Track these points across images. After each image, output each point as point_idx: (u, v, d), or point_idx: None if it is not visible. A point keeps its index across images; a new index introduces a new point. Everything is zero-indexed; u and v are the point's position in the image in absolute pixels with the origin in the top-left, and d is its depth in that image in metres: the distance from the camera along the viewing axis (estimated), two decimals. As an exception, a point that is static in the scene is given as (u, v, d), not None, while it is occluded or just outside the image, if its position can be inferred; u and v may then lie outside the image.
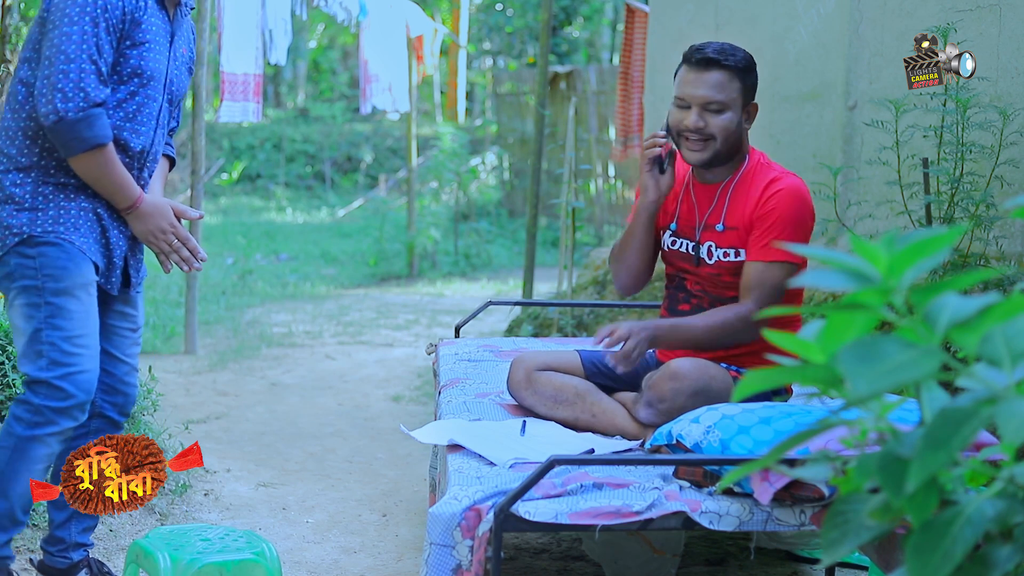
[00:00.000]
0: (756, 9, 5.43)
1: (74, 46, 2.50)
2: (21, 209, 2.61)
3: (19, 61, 2.67)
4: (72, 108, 2.50)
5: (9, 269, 2.63)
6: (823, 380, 1.00)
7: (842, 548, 1.03)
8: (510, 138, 14.11)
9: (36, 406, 2.59)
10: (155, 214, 2.73)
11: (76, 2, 2.51)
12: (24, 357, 2.62)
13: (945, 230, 0.97)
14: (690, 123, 2.86)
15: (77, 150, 2.55)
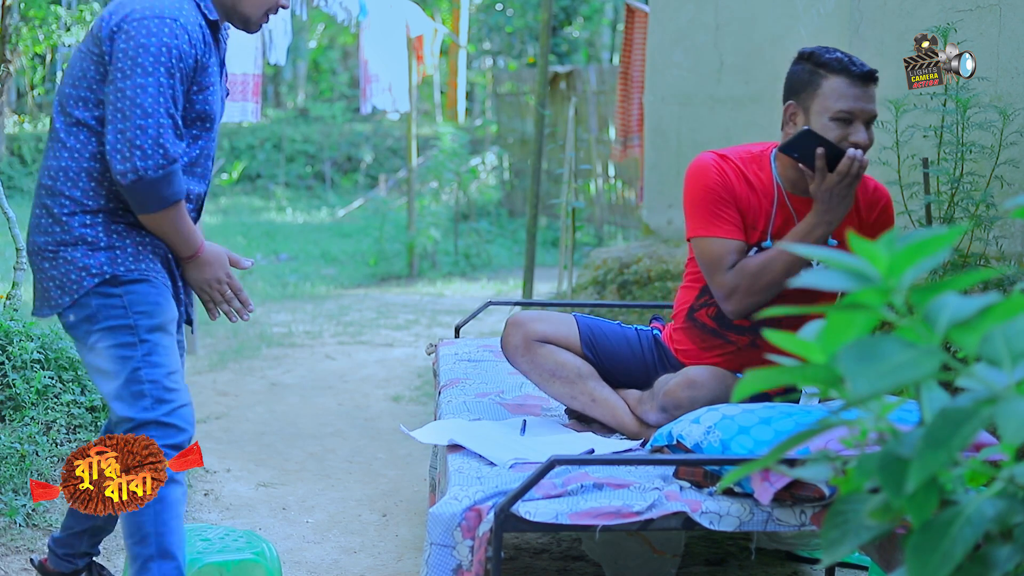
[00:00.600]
0: (756, 9, 5.43)
1: (151, 99, 2.39)
2: (96, 249, 2.48)
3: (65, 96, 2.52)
4: (152, 166, 2.40)
5: (89, 311, 2.48)
6: (823, 380, 1.00)
7: (842, 548, 1.03)
8: (510, 138, 14.11)
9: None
10: (214, 263, 2.64)
11: (149, 51, 2.39)
12: (119, 400, 2.46)
13: (945, 230, 0.97)
14: (863, 139, 2.70)
15: (153, 209, 2.46)
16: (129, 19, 2.42)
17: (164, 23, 2.41)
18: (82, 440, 3.73)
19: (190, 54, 2.44)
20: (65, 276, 2.48)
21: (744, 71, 5.48)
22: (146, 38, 2.40)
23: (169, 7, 2.44)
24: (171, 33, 2.41)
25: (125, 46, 2.40)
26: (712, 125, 5.66)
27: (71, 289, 2.48)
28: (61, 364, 3.92)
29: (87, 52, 2.50)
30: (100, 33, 2.46)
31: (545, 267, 9.52)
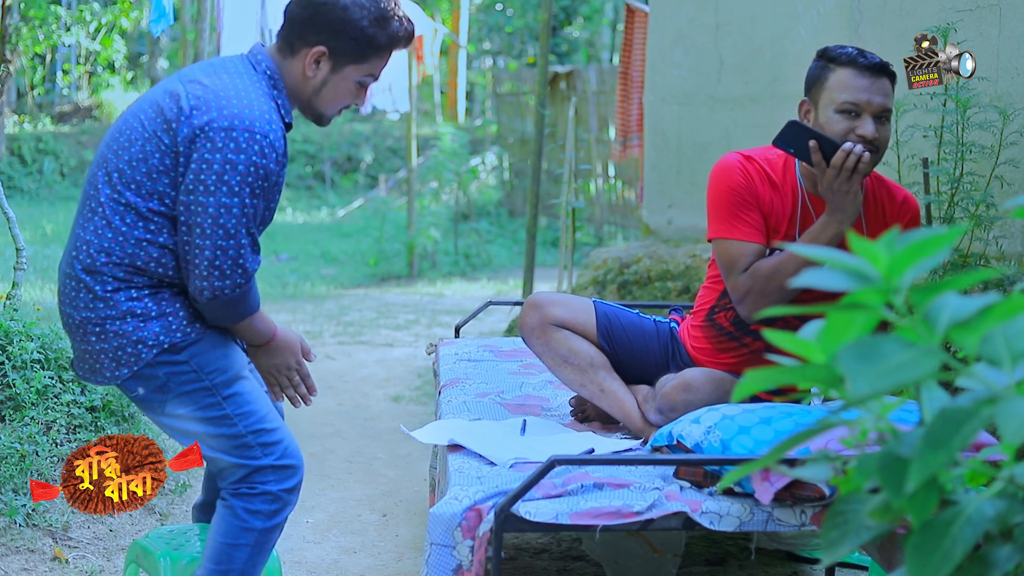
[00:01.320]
0: (756, 9, 5.43)
1: (234, 220, 2.28)
2: (147, 319, 2.37)
3: (117, 170, 2.37)
4: (229, 286, 2.32)
5: (159, 382, 2.39)
6: (823, 380, 1.00)
7: (842, 548, 1.03)
8: (510, 138, 14.11)
9: (275, 493, 2.42)
10: (285, 351, 2.56)
11: (237, 169, 2.27)
12: (227, 454, 2.41)
13: (945, 230, 0.97)
14: (869, 132, 2.64)
15: (229, 323, 2.42)
16: (215, 127, 2.28)
17: (255, 140, 2.28)
18: (82, 440, 3.73)
19: (275, 172, 2.34)
20: (119, 349, 2.37)
21: (744, 71, 5.48)
22: (235, 154, 2.27)
23: (259, 119, 2.30)
24: (260, 152, 2.29)
25: (211, 158, 2.27)
26: (712, 125, 5.66)
27: (128, 361, 2.37)
28: (61, 364, 3.92)
29: (153, 135, 2.34)
30: (177, 127, 2.31)
31: (545, 267, 9.53)
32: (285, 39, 2.43)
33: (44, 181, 14.88)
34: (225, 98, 2.31)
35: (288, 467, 2.44)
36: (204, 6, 5.93)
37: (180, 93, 2.34)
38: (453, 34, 16.07)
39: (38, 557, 3.21)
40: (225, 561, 2.41)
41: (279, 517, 2.45)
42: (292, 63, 2.42)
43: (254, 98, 2.33)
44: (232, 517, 2.41)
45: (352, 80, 2.44)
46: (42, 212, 12.66)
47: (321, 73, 2.42)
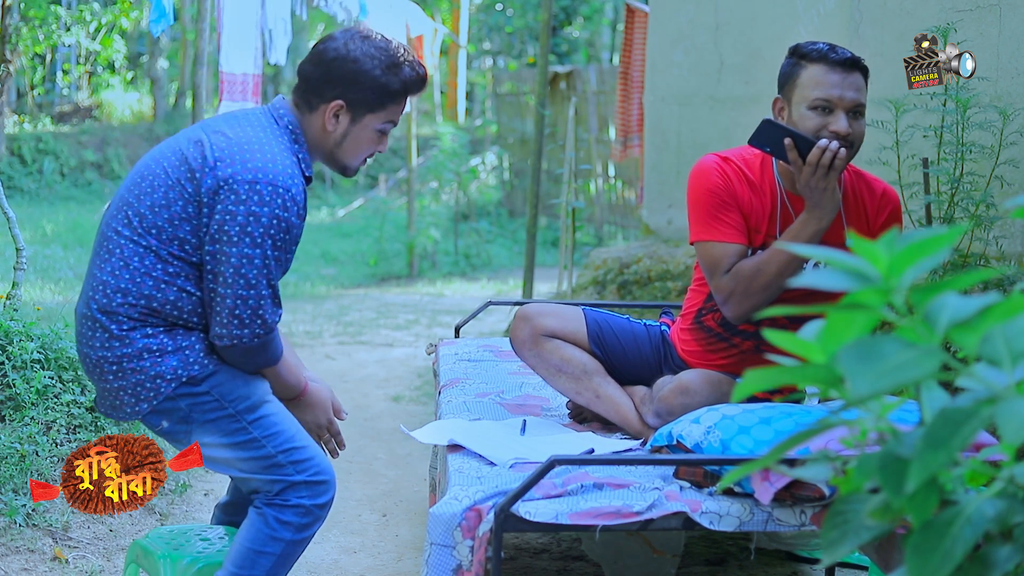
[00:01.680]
0: (756, 9, 5.43)
1: (255, 271, 2.32)
2: (164, 355, 2.38)
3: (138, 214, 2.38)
4: (248, 335, 2.35)
5: (182, 414, 2.40)
6: (823, 380, 1.00)
7: (842, 548, 1.03)
8: (510, 138, 14.11)
9: (307, 507, 2.43)
10: (317, 407, 2.59)
11: (260, 222, 2.30)
12: (260, 474, 2.43)
13: (945, 230, 0.97)
14: (842, 128, 2.63)
15: (247, 369, 2.44)
16: (239, 179, 2.31)
17: (277, 193, 2.32)
18: (82, 440, 3.73)
19: (296, 224, 2.37)
20: (138, 385, 2.39)
21: (744, 71, 5.48)
22: (258, 207, 2.30)
23: (282, 172, 2.34)
24: (283, 206, 2.32)
25: (235, 210, 2.30)
26: (712, 125, 5.67)
27: (147, 397, 2.39)
28: (61, 364, 3.92)
29: (176, 183, 2.37)
30: (201, 177, 2.34)
31: (545, 267, 9.53)
32: (302, 96, 2.47)
33: (44, 181, 14.88)
34: (249, 151, 2.35)
35: (321, 483, 2.45)
36: (204, 6, 5.93)
37: (204, 143, 2.37)
38: (453, 34, 16.08)
39: (38, 557, 3.21)
40: (248, 567, 2.42)
41: (309, 531, 2.46)
42: (312, 118, 2.46)
43: (277, 152, 2.37)
44: (263, 524, 2.43)
45: (372, 129, 2.48)
46: (42, 212, 12.66)
47: (341, 126, 2.46)
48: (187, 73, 17.25)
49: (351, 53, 2.42)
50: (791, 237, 2.68)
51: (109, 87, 18.21)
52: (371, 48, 2.44)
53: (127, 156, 16.00)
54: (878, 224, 2.81)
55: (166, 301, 2.38)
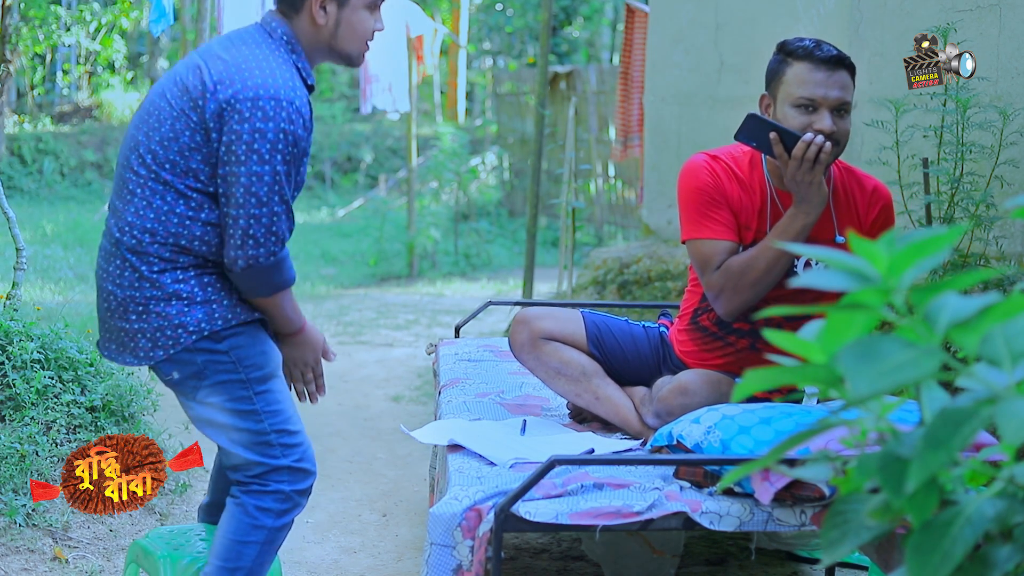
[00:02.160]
0: (756, 9, 5.43)
1: (266, 188, 2.30)
2: (192, 304, 2.37)
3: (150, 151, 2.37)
4: (263, 254, 2.33)
5: (196, 368, 2.39)
6: (823, 380, 1.00)
7: (842, 548, 1.03)
8: (510, 138, 14.11)
9: (287, 493, 2.44)
10: (310, 344, 2.58)
11: (266, 137, 2.29)
12: (247, 449, 2.42)
13: (945, 230, 0.97)
14: (826, 126, 2.63)
15: (263, 294, 2.40)
16: (241, 98, 2.30)
17: (281, 107, 2.30)
18: (82, 440, 3.73)
19: (303, 137, 2.36)
20: (158, 331, 2.37)
21: (744, 71, 5.48)
22: (263, 123, 2.29)
23: (283, 86, 2.33)
24: (288, 119, 2.31)
25: (239, 128, 2.29)
26: (712, 125, 5.67)
27: (165, 344, 2.37)
28: (61, 364, 3.92)
29: (181, 114, 2.35)
30: (204, 103, 2.33)
31: (545, 267, 9.53)
32: (284, 2, 2.45)
33: (44, 181, 14.88)
34: (247, 69, 2.33)
35: (303, 471, 2.46)
36: (204, 6, 5.93)
37: (202, 68, 2.36)
38: (453, 34, 16.08)
39: (38, 557, 3.21)
40: (234, 558, 2.42)
41: (288, 516, 2.46)
42: (300, 20, 2.44)
43: (275, 66, 2.36)
44: (243, 514, 2.42)
45: (362, 9, 2.45)
46: (42, 212, 12.66)
47: (331, 16, 2.43)
48: (187, 73, 17.21)
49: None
50: (779, 232, 2.68)
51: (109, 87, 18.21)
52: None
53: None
54: (869, 220, 2.81)
55: (193, 237, 2.37)
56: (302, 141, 2.36)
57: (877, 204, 2.81)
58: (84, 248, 10.17)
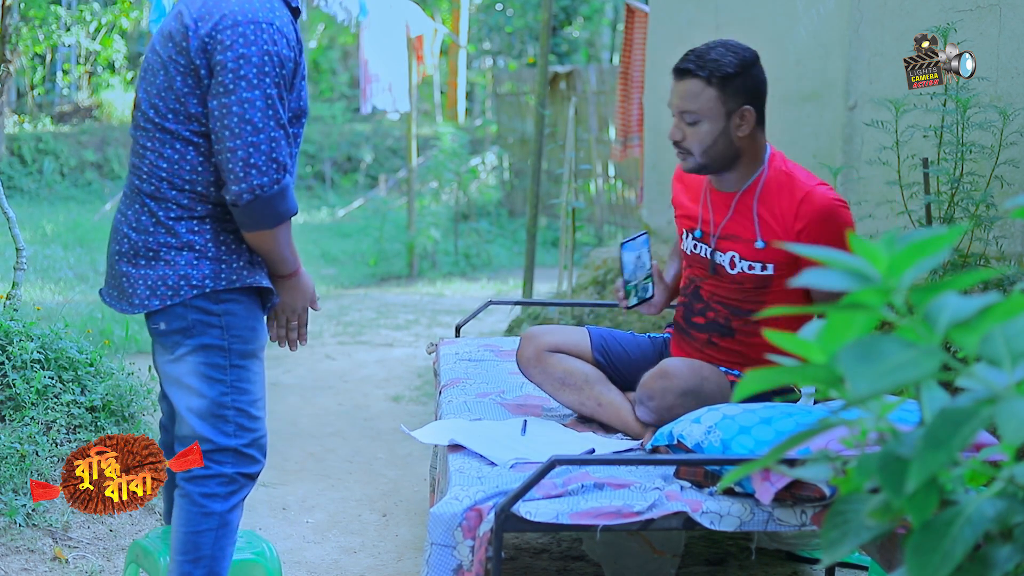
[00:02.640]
0: (756, 9, 5.43)
1: (259, 113, 2.27)
2: (202, 258, 2.37)
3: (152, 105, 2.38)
4: (268, 183, 2.29)
5: (184, 324, 2.38)
6: (823, 380, 1.00)
7: (842, 548, 1.03)
8: (510, 138, 14.11)
9: (230, 475, 2.43)
10: (300, 290, 2.55)
11: (251, 62, 2.26)
12: (203, 420, 2.42)
13: (945, 230, 0.97)
14: (671, 135, 2.82)
15: (268, 226, 2.36)
16: (221, 28, 2.28)
17: (261, 29, 2.28)
18: (82, 440, 3.73)
19: (289, 58, 2.32)
20: (161, 279, 2.36)
21: (744, 71, 5.48)
22: (245, 48, 2.27)
23: (261, 9, 2.30)
24: (270, 40, 2.28)
25: (223, 58, 2.27)
26: (712, 125, 5.66)
27: (163, 294, 2.36)
28: (61, 364, 3.92)
29: (170, 60, 2.34)
30: (187, 44, 2.31)
31: (545, 267, 9.53)
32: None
33: (44, 181, 14.88)
34: (225, 2, 2.32)
35: (249, 457, 2.46)
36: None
37: (183, 12, 2.36)
38: (453, 34, 16.08)
39: (38, 557, 3.21)
40: (192, 550, 2.42)
41: (236, 498, 2.46)
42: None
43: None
44: (190, 504, 2.43)
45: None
46: (42, 212, 12.66)
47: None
48: (187, 73, 17.22)
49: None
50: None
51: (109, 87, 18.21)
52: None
53: (127, 156, 16.00)
54: (795, 230, 2.78)
55: (208, 183, 2.37)
56: (289, 62, 2.33)
57: (805, 216, 2.78)
58: (84, 248, 10.16)
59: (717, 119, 2.76)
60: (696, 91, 2.75)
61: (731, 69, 2.75)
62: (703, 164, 2.81)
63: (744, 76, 2.77)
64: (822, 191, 2.80)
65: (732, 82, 2.76)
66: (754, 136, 2.82)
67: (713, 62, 2.75)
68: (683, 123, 2.78)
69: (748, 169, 2.84)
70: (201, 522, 2.42)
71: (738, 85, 2.77)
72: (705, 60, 2.76)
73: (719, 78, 2.75)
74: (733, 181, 2.86)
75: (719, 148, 2.78)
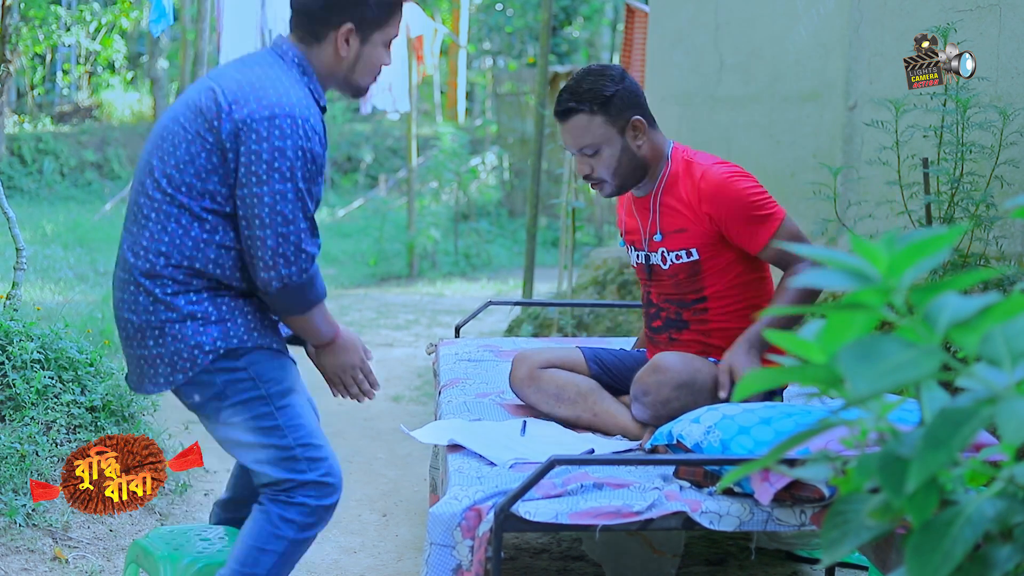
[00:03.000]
0: (756, 9, 5.43)
1: (290, 206, 2.32)
2: (207, 323, 2.38)
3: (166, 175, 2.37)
4: (295, 272, 2.34)
5: (216, 389, 2.39)
6: (823, 380, 1.00)
7: (842, 548, 1.03)
8: (510, 138, 14.11)
9: (312, 507, 2.43)
10: (349, 349, 2.56)
11: (286, 155, 2.30)
12: (274, 466, 2.42)
13: (945, 230, 0.97)
14: (577, 171, 2.92)
15: (298, 312, 2.42)
16: (258, 118, 2.31)
17: (297, 124, 2.32)
18: (82, 440, 3.73)
19: (320, 154, 2.37)
20: (176, 354, 2.38)
21: (744, 71, 5.48)
22: (280, 141, 2.30)
23: (297, 104, 2.34)
24: (305, 136, 2.33)
25: (258, 148, 2.30)
26: (712, 125, 5.67)
27: (183, 367, 2.38)
28: (61, 364, 3.92)
29: (196, 136, 2.36)
30: (219, 124, 2.33)
31: (545, 267, 9.53)
32: (306, 29, 2.45)
33: (44, 181, 14.89)
34: (261, 89, 2.34)
35: (329, 485, 2.45)
36: (204, 6, 5.93)
37: (216, 90, 2.36)
38: (453, 34, 16.08)
39: (38, 557, 3.21)
40: (251, 564, 2.42)
41: (311, 531, 2.45)
42: (321, 49, 2.45)
43: (289, 86, 2.37)
44: (266, 522, 2.43)
45: (380, 45, 2.49)
46: (42, 212, 12.67)
47: (353, 49, 2.46)
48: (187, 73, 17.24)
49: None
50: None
51: (109, 87, 18.22)
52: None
53: (127, 156, 16.00)
54: (703, 212, 2.88)
55: (208, 260, 2.37)
56: (319, 158, 2.38)
57: (706, 196, 2.86)
58: (84, 248, 10.17)
59: (614, 141, 2.88)
60: (584, 124, 2.85)
61: (608, 91, 2.86)
62: (619, 186, 2.92)
63: (621, 92, 2.88)
64: (716, 168, 2.88)
65: (612, 102, 2.86)
66: (651, 140, 2.94)
67: (588, 92, 2.85)
68: (585, 158, 2.88)
69: (658, 170, 2.96)
70: (270, 542, 2.43)
71: (619, 103, 2.87)
72: (581, 93, 2.85)
73: (599, 104, 2.85)
74: (647, 184, 2.97)
75: (626, 166, 2.90)
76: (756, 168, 5.31)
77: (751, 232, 2.82)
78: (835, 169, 3.60)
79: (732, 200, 2.82)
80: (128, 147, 16.10)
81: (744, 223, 2.81)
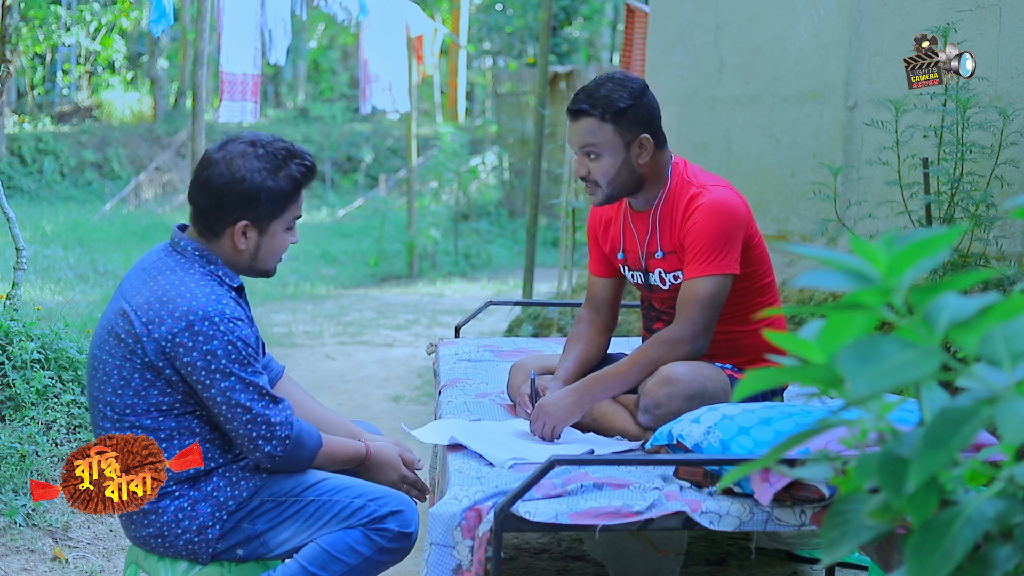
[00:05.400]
0: (756, 9, 5.43)
1: (243, 395, 2.37)
2: (195, 504, 2.43)
3: (109, 404, 2.43)
4: (277, 445, 2.41)
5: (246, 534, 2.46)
6: (823, 380, 1.00)
7: (842, 548, 1.03)
8: (510, 138, 14.12)
9: (395, 532, 2.48)
10: (385, 465, 2.63)
11: (217, 356, 2.35)
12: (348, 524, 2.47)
13: (945, 230, 0.97)
14: (575, 170, 2.92)
15: (304, 467, 2.49)
16: (177, 331, 2.35)
17: (214, 324, 2.36)
18: (82, 440, 3.73)
19: (249, 334, 2.42)
20: (190, 543, 2.43)
21: (744, 71, 5.48)
22: (207, 344, 2.35)
23: (207, 303, 2.37)
24: (228, 330, 2.37)
25: (190, 359, 2.36)
26: (712, 125, 5.67)
27: (203, 550, 2.43)
28: (61, 364, 3.92)
29: (124, 360, 2.40)
30: (140, 348, 2.38)
31: (545, 267, 9.53)
32: (205, 226, 2.47)
33: (44, 181, 14.89)
34: (171, 302, 2.37)
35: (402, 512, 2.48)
36: (204, 6, 5.93)
37: (128, 312, 2.40)
38: (453, 34, 16.08)
39: (38, 557, 3.21)
40: (319, 567, 2.44)
41: (387, 556, 2.48)
42: (220, 243, 2.48)
43: (193, 286, 2.40)
44: (348, 534, 2.46)
45: (280, 232, 2.51)
46: (42, 212, 12.67)
47: (251, 242, 2.48)
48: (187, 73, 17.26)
49: (236, 173, 2.42)
50: None
51: (109, 87, 18.22)
52: (252, 161, 2.43)
53: (127, 156, 16.01)
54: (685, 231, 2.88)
55: (179, 454, 2.42)
56: (249, 338, 2.42)
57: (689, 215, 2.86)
58: (84, 248, 10.17)
59: (617, 151, 2.85)
60: (593, 128, 2.84)
61: (623, 104, 2.83)
62: (610, 194, 2.90)
63: (636, 107, 2.84)
64: (714, 191, 2.86)
65: (625, 115, 2.83)
66: (656, 159, 2.90)
67: (604, 99, 2.83)
68: (586, 159, 2.87)
69: (658, 187, 2.93)
70: (344, 552, 2.45)
71: (631, 117, 2.84)
72: (597, 98, 2.83)
73: (612, 114, 2.83)
74: (646, 200, 2.95)
75: (623, 178, 2.88)
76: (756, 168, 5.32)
77: (691, 261, 2.82)
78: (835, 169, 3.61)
79: (700, 227, 2.82)
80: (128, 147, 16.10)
81: (693, 250, 2.82)
